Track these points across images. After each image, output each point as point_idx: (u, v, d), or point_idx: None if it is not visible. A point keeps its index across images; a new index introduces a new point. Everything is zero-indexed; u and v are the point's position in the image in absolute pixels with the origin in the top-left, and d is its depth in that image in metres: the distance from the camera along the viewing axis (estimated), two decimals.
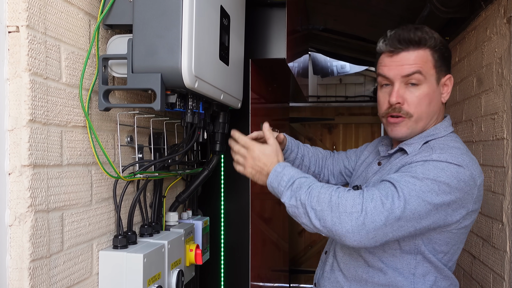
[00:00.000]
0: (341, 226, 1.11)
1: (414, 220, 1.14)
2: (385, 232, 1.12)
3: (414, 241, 1.25)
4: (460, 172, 1.17)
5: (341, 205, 1.12)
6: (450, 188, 1.16)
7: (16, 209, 0.99)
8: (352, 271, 1.35)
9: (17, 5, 0.98)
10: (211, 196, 2.07)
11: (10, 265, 0.99)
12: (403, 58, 1.28)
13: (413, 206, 1.13)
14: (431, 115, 1.31)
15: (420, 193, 1.14)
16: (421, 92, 1.28)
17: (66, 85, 1.12)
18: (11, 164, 0.99)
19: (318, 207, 1.15)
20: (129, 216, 1.38)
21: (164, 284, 1.40)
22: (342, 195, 1.14)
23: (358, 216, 1.10)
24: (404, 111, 1.30)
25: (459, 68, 2.49)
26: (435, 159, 1.20)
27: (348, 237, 1.11)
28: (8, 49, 0.99)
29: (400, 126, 1.32)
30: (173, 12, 1.15)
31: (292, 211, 1.21)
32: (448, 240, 1.26)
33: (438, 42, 1.29)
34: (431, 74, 1.29)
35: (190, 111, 1.34)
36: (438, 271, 1.28)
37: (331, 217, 1.13)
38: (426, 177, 1.16)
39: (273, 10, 2.09)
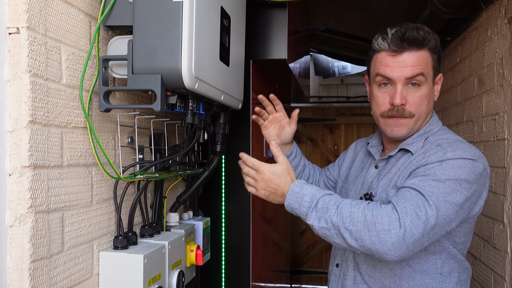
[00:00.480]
0: (382, 245, 1.11)
1: (446, 224, 1.16)
2: (422, 242, 1.14)
3: (439, 240, 1.26)
4: (476, 166, 1.20)
5: (378, 224, 1.11)
6: (470, 184, 1.18)
7: (16, 210, 0.99)
8: (378, 282, 1.33)
9: (17, 6, 0.98)
10: (212, 197, 2.07)
11: (10, 265, 0.99)
12: (406, 59, 1.28)
13: (443, 212, 1.14)
14: (428, 114, 1.35)
15: (446, 196, 1.15)
16: (422, 93, 1.30)
17: (67, 86, 1.13)
18: (11, 165, 0.99)
19: (353, 228, 1.13)
20: (129, 217, 1.39)
21: (165, 284, 1.40)
22: (376, 213, 1.13)
23: (397, 232, 1.10)
24: (407, 112, 1.30)
25: (460, 68, 2.49)
26: (451, 158, 1.21)
27: (389, 254, 1.11)
28: (9, 51, 0.99)
29: (402, 126, 1.32)
30: (173, 13, 1.15)
31: (323, 233, 1.19)
32: (466, 231, 1.29)
33: (437, 43, 1.31)
34: (430, 75, 1.31)
35: (190, 112, 1.34)
36: (460, 266, 1.30)
37: (369, 236, 1.11)
38: (448, 178, 1.17)
39: (273, 10, 2.09)
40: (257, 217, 2.21)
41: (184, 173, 1.69)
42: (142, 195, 1.49)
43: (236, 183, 2.06)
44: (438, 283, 1.28)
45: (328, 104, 5.29)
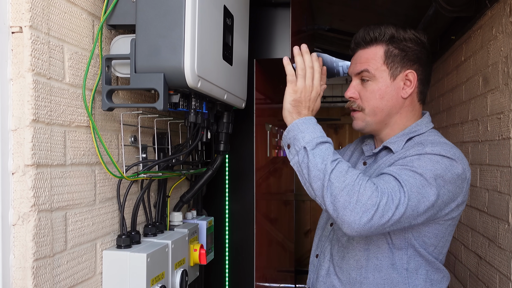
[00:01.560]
0: (351, 214, 1.10)
1: (412, 216, 1.16)
2: (385, 227, 1.14)
3: (404, 235, 1.27)
4: (453, 166, 1.21)
5: (359, 194, 1.11)
6: (445, 182, 1.19)
7: (19, 209, 0.99)
8: (345, 274, 1.35)
9: (20, 5, 0.98)
10: (215, 196, 2.07)
11: (13, 264, 0.99)
12: (357, 56, 1.39)
13: (414, 203, 1.14)
14: (386, 110, 1.34)
15: (420, 188, 1.16)
16: (371, 88, 1.34)
17: (70, 85, 1.13)
18: (14, 164, 0.99)
19: (338, 184, 1.12)
20: (132, 216, 1.39)
21: (168, 283, 1.40)
22: (364, 184, 1.12)
23: (369, 209, 1.10)
24: (357, 105, 1.38)
25: (465, 67, 2.47)
26: (429, 152, 1.22)
27: (352, 226, 1.11)
28: (12, 50, 0.99)
29: (356, 119, 1.41)
30: (176, 12, 1.15)
31: (311, 166, 1.16)
32: (436, 233, 1.27)
33: (389, 38, 1.33)
34: (382, 70, 1.33)
35: (193, 111, 1.34)
36: (429, 265, 1.30)
37: (345, 200, 1.11)
38: (424, 172, 1.17)
39: (277, 10, 2.09)
40: (261, 216, 2.21)
41: (188, 172, 1.69)
42: (146, 194, 1.49)
43: (240, 183, 2.06)
44: (404, 278, 1.28)
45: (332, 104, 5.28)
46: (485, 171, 2.12)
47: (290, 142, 1.22)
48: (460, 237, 2.57)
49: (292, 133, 1.23)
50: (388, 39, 1.33)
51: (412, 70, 1.34)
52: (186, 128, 1.45)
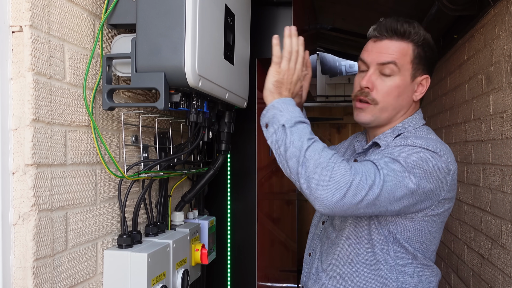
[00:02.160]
0: (324, 190, 1.10)
1: (388, 201, 1.15)
2: (359, 207, 1.13)
3: (389, 230, 1.27)
4: (435, 158, 1.20)
5: (333, 171, 1.11)
6: (425, 173, 1.18)
7: (20, 208, 0.99)
8: (335, 270, 1.34)
9: (20, 5, 0.98)
10: (217, 196, 2.07)
11: (14, 264, 0.99)
12: (384, 46, 1.31)
13: (390, 186, 1.14)
14: (398, 108, 1.34)
15: (398, 174, 1.16)
16: (392, 83, 1.30)
17: (70, 85, 1.13)
18: (14, 163, 0.99)
19: (313, 161, 1.12)
20: (134, 216, 1.38)
21: (169, 283, 1.40)
22: (338, 163, 1.12)
23: (342, 186, 1.10)
24: (371, 97, 1.32)
25: (467, 66, 2.46)
26: (410, 144, 1.22)
27: (323, 202, 1.10)
28: (12, 49, 0.99)
29: (365, 112, 1.35)
30: (177, 11, 1.14)
31: (288, 143, 1.16)
32: (421, 229, 1.27)
33: (422, 39, 1.31)
34: (407, 68, 1.31)
35: (194, 110, 1.33)
36: (416, 260, 1.30)
37: (318, 177, 1.11)
38: (403, 160, 1.18)
39: (279, 9, 2.08)
40: (263, 216, 2.20)
41: (189, 172, 1.69)
42: (147, 194, 1.49)
43: (242, 182, 2.05)
44: (392, 274, 1.28)
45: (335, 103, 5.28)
46: (488, 171, 2.11)
47: (269, 121, 1.21)
48: (463, 237, 2.56)
49: (271, 112, 1.21)
50: (422, 39, 1.31)
51: (428, 76, 1.35)
52: (187, 127, 1.45)
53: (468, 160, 2.44)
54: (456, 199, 2.67)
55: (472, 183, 2.37)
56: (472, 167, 2.37)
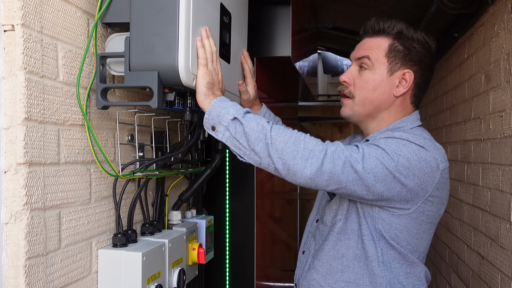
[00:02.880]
0: (301, 161, 1.13)
1: (369, 179, 1.16)
2: (340, 179, 1.15)
3: (375, 226, 1.27)
4: (421, 151, 1.21)
5: (306, 142, 1.15)
6: (409, 164, 1.19)
7: (12, 207, 0.99)
8: (326, 265, 1.34)
9: (12, 4, 0.98)
10: (216, 195, 2.06)
11: (6, 262, 0.99)
12: (362, 43, 1.38)
13: (370, 164, 1.16)
14: (376, 103, 1.34)
15: (379, 157, 1.18)
16: (366, 77, 1.34)
17: (64, 84, 1.13)
18: (6, 162, 0.99)
19: (281, 138, 1.15)
20: (129, 215, 1.38)
21: (165, 282, 1.40)
22: (306, 137, 1.17)
23: (317, 154, 1.14)
24: (348, 90, 1.37)
25: (467, 65, 2.45)
26: (397, 137, 1.25)
27: (303, 172, 1.13)
28: (4, 48, 0.99)
29: (344, 106, 1.40)
30: (170, 9, 1.14)
31: (248, 133, 1.17)
32: (408, 227, 1.27)
33: (396, 32, 1.33)
34: (382, 62, 1.33)
35: (189, 109, 1.33)
36: (403, 258, 1.30)
37: (292, 150, 1.14)
38: (387, 148, 1.19)
39: (278, 8, 2.08)
40: (262, 215, 2.20)
41: (186, 171, 1.69)
42: (143, 193, 1.48)
43: (240, 182, 2.05)
44: (381, 271, 1.28)
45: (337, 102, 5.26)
46: (487, 170, 2.10)
47: (215, 122, 1.21)
48: (463, 237, 2.55)
49: (214, 112, 1.21)
50: (396, 33, 1.33)
51: (411, 70, 1.33)
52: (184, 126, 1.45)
53: (468, 159, 2.43)
54: (456, 198, 2.66)
55: (472, 183, 2.35)
56: (472, 167, 2.35)
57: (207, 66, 1.24)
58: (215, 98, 1.23)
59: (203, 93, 1.23)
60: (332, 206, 1.37)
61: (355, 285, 1.30)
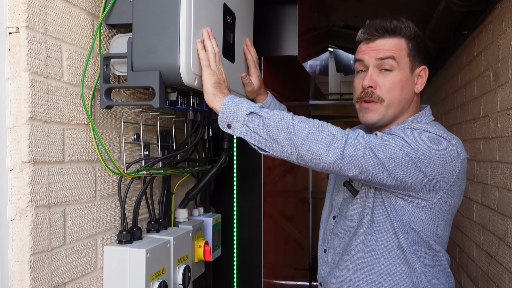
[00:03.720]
0: (325, 145, 1.16)
1: (390, 164, 1.18)
2: (361, 163, 1.17)
3: (402, 219, 1.28)
4: (441, 141, 1.23)
5: (328, 128, 1.18)
6: (430, 153, 1.20)
7: (17, 204, 1.02)
8: (356, 260, 1.35)
9: (17, 6, 1.01)
10: (223, 193, 2.08)
11: (11, 258, 1.02)
12: (379, 44, 1.34)
13: (389, 150, 1.18)
14: (403, 102, 1.35)
15: (399, 144, 1.20)
16: (393, 78, 1.32)
17: (68, 84, 1.15)
18: (12, 161, 1.02)
19: (304, 125, 1.18)
20: (134, 212, 1.41)
21: (169, 279, 1.42)
22: (328, 124, 1.20)
23: (341, 138, 1.16)
24: (376, 95, 1.34)
25: (477, 62, 2.43)
26: (416, 128, 1.26)
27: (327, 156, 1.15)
28: (9, 50, 1.02)
29: (371, 112, 1.35)
30: (171, 10, 1.16)
31: (269, 124, 1.18)
32: (433, 218, 1.28)
33: (413, 32, 1.34)
34: (405, 62, 1.33)
35: (192, 109, 1.35)
36: (430, 250, 1.31)
37: (317, 136, 1.16)
38: (407, 138, 1.21)
39: (285, 7, 2.09)
40: (273, 213, 2.21)
41: (192, 169, 1.71)
42: (150, 191, 1.51)
43: (248, 180, 2.06)
44: (414, 262, 1.29)
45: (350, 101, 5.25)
46: (496, 169, 2.08)
47: (230, 120, 1.22)
48: (472, 236, 2.53)
49: (228, 110, 1.22)
50: (413, 33, 1.34)
51: (425, 66, 1.37)
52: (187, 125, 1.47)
53: (477, 157, 2.41)
54: (466, 197, 2.64)
55: (481, 181, 2.34)
56: (481, 165, 2.34)
57: (211, 66, 1.26)
58: (226, 97, 1.24)
59: (212, 93, 1.25)
60: (357, 202, 1.38)
61: (388, 276, 1.31)
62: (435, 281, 1.31)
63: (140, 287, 1.27)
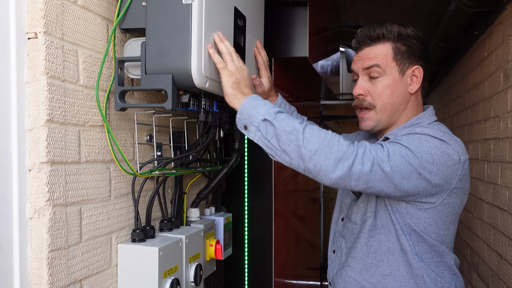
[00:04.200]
0: (333, 162, 1.16)
1: (396, 177, 1.19)
2: (369, 179, 1.18)
3: (405, 221, 1.30)
4: (443, 145, 1.24)
5: (339, 144, 1.17)
6: (433, 159, 1.22)
7: (35, 203, 1.06)
8: (360, 262, 1.38)
9: (35, 13, 1.05)
10: (235, 193, 2.11)
11: (30, 255, 1.07)
12: (365, 53, 1.39)
13: (395, 162, 1.19)
14: (396, 105, 1.37)
15: (404, 154, 1.20)
16: (381, 84, 1.35)
17: (84, 87, 1.19)
18: (31, 161, 1.06)
19: (314, 139, 1.17)
20: (147, 211, 1.44)
21: (182, 277, 1.45)
22: (340, 138, 1.19)
23: (349, 156, 1.16)
24: (367, 102, 1.38)
25: (487, 63, 2.43)
26: (418, 133, 1.27)
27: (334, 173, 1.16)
28: (28, 54, 1.06)
29: (366, 120, 1.40)
30: (183, 15, 1.19)
31: (279, 134, 1.20)
32: (436, 219, 1.30)
33: (396, 36, 1.35)
34: (392, 66, 1.35)
35: (203, 110, 1.38)
36: (433, 250, 1.32)
37: (326, 152, 1.16)
38: (410, 146, 1.22)
39: (295, 9, 2.11)
40: (280, 213, 2.23)
41: (204, 169, 1.74)
42: (162, 191, 1.55)
43: (259, 180, 2.09)
44: (417, 263, 1.31)
45: None
46: (506, 169, 2.08)
47: (246, 122, 1.24)
48: (483, 236, 2.53)
49: (245, 113, 1.24)
50: (396, 36, 1.36)
51: (418, 66, 1.37)
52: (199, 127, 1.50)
53: (488, 158, 2.41)
54: (477, 197, 2.64)
55: (491, 182, 2.34)
56: (492, 165, 2.34)
57: (228, 67, 1.29)
58: (246, 98, 1.26)
59: (231, 94, 1.28)
60: (359, 205, 1.41)
61: (391, 277, 1.34)
62: (440, 280, 1.32)
63: (153, 284, 1.30)
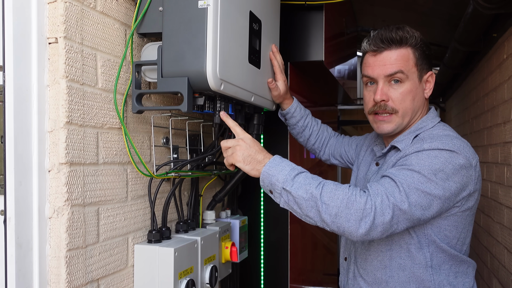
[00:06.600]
0: (354, 223, 1.15)
1: (419, 212, 1.18)
2: (392, 225, 1.16)
3: (424, 231, 1.28)
4: (453, 157, 1.21)
5: (356, 202, 1.15)
6: (447, 175, 1.20)
7: (54, 203, 1.09)
8: (371, 275, 1.38)
9: (56, 18, 1.09)
10: (251, 196, 2.12)
11: (49, 253, 1.09)
12: (386, 57, 1.34)
13: (414, 199, 1.17)
14: (415, 110, 1.37)
15: (419, 184, 1.18)
16: (404, 89, 1.34)
17: (102, 90, 1.22)
18: (50, 162, 1.09)
19: (332, 203, 1.16)
20: (163, 213, 1.46)
21: (197, 278, 1.47)
22: (356, 195, 1.16)
23: (369, 213, 1.14)
24: (389, 107, 1.35)
25: (507, 65, 2.40)
26: (427, 148, 1.24)
27: (358, 232, 1.15)
28: (48, 59, 1.10)
29: (388, 123, 1.37)
30: (199, 19, 1.21)
31: (298, 201, 1.20)
32: (456, 224, 1.28)
33: (419, 41, 1.34)
34: (413, 72, 1.34)
35: (218, 113, 1.40)
36: (452, 259, 1.31)
37: (346, 214, 1.15)
38: (422, 168, 1.19)
39: (311, 13, 2.12)
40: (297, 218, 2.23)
41: (219, 172, 1.76)
42: (178, 193, 1.57)
43: None
44: (429, 275, 1.30)
45: None
46: None
47: (271, 188, 1.26)
48: (503, 241, 2.49)
49: (266, 181, 1.25)
50: (419, 41, 1.35)
51: (431, 71, 1.39)
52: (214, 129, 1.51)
53: (508, 161, 2.38)
54: (496, 201, 2.60)
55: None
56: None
57: (234, 156, 1.29)
58: (264, 167, 1.26)
59: (250, 170, 1.28)
60: None
61: None
62: None
63: (168, 284, 1.32)
